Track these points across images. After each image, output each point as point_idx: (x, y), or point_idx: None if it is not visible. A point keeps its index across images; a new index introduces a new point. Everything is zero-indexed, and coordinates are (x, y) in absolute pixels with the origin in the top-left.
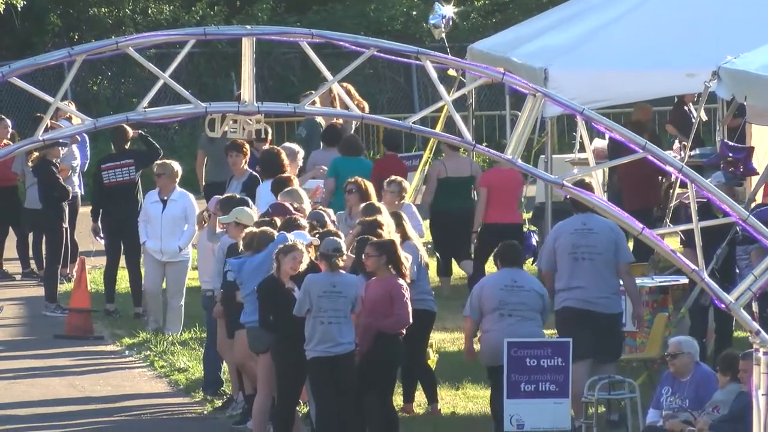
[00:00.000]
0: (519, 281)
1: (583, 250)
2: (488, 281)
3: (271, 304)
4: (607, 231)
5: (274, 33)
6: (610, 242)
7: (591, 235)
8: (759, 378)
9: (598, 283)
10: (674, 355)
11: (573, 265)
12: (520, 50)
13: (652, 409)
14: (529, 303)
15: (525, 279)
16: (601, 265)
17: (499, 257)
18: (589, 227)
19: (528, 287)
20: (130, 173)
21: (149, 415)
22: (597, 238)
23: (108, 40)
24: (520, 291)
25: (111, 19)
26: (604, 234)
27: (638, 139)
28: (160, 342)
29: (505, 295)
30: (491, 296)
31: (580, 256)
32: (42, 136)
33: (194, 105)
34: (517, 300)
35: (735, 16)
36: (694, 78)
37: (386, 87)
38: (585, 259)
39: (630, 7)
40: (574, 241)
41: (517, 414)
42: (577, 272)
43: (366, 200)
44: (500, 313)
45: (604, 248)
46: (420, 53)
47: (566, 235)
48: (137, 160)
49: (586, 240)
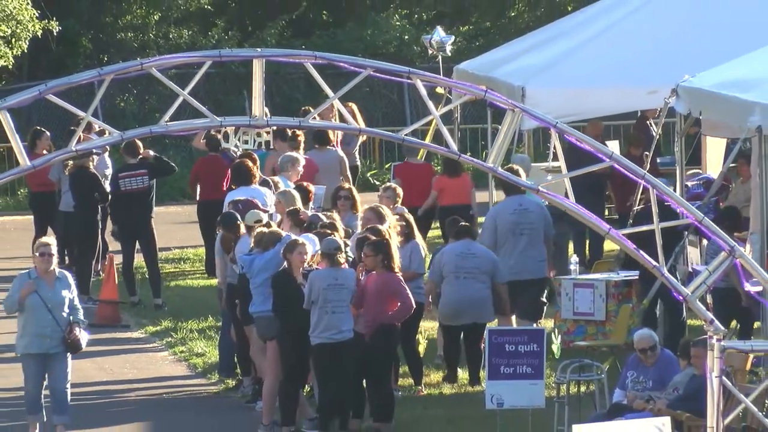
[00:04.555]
0: (472, 250)
1: (522, 227)
2: (447, 250)
3: (282, 295)
4: (539, 210)
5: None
6: (541, 219)
7: (528, 213)
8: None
9: (533, 252)
10: (652, 347)
11: (515, 240)
12: (500, 70)
13: (618, 390)
14: (482, 267)
15: (477, 248)
16: (535, 238)
17: (454, 231)
18: (525, 207)
19: (480, 254)
20: (144, 182)
21: (170, 394)
22: (533, 215)
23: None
24: (473, 258)
25: (136, 42)
26: (537, 212)
27: (605, 149)
28: (180, 330)
29: (460, 261)
30: (449, 262)
31: (519, 232)
32: (75, 147)
33: (210, 119)
34: (471, 265)
35: (691, 40)
36: (655, 95)
37: (381, 103)
38: (524, 234)
39: (597, 32)
40: (514, 220)
41: (498, 393)
42: (520, 246)
43: (355, 206)
44: (455, 275)
45: (538, 224)
46: (411, 73)
47: (506, 215)
48: (151, 171)
49: (524, 218)
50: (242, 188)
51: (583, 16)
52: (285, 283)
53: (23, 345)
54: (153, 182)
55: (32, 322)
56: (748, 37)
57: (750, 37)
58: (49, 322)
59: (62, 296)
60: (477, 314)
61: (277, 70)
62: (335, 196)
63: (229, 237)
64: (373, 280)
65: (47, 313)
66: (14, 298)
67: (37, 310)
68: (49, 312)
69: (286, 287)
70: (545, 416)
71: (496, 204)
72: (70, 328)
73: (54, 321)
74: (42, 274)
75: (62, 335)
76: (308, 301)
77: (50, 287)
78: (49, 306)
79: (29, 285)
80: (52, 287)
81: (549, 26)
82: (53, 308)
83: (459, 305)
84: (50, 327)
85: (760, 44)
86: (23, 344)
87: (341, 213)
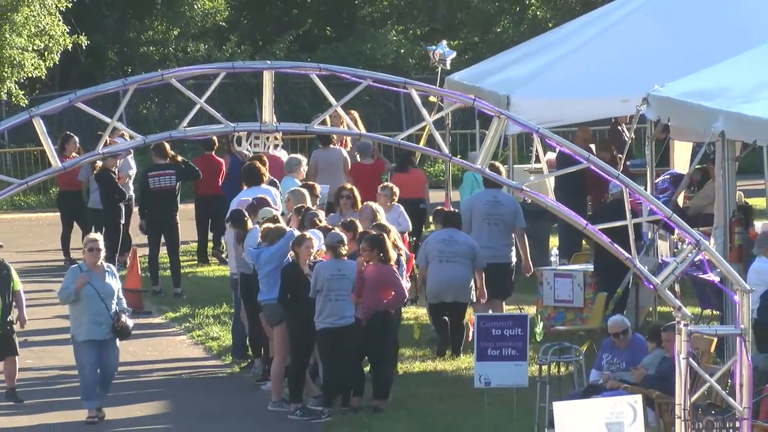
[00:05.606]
0: (455, 237)
1: (495, 218)
2: (432, 237)
3: (290, 285)
4: (511, 203)
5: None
6: (513, 212)
7: (500, 206)
8: (680, 345)
9: (502, 240)
10: (624, 332)
11: (488, 228)
12: (488, 81)
13: (594, 370)
14: (463, 253)
15: (459, 235)
16: (505, 228)
17: (440, 220)
18: (498, 200)
19: (462, 241)
20: (170, 181)
21: (188, 374)
22: (505, 208)
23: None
24: (456, 244)
25: (157, 56)
26: (509, 206)
27: (582, 152)
28: (197, 316)
29: (444, 246)
30: (433, 248)
31: (492, 222)
32: (102, 150)
33: (224, 125)
34: (453, 251)
35: (661, 53)
36: (627, 103)
37: (379, 110)
38: (497, 224)
39: (576, 46)
40: (488, 210)
41: (485, 374)
42: (491, 234)
43: (356, 204)
44: (440, 259)
45: (508, 216)
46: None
47: (481, 206)
48: (177, 172)
49: (497, 209)
50: (252, 188)
51: (563, 32)
52: (293, 274)
53: (83, 332)
54: (179, 183)
55: (88, 311)
56: (712, 51)
57: (713, 51)
58: (103, 310)
59: (112, 287)
60: (458, 294)
61: (285, 80)
62: (338, 195)
63: (241, 232)
64: (370, 271)
65: (101, 302)
66: (70, 290)
67: (92, 299)
68: (102, 301)
69: (294, 277)
70: (528, 394)
71: (474, 194)
72: (118, 316)
73: (106, 309)
74: (92, 267)
75: (112, 323)
76: (314, 290)
77: (101, 279)
78: (102, 296)
79: (83, 277)
80: (102, 278)
81: (531, 41)
82: (105, 298)
83: (442, 285)
84: (103, 315)
85: (722, 57)
86: (83, 332)
87: (343, 210)
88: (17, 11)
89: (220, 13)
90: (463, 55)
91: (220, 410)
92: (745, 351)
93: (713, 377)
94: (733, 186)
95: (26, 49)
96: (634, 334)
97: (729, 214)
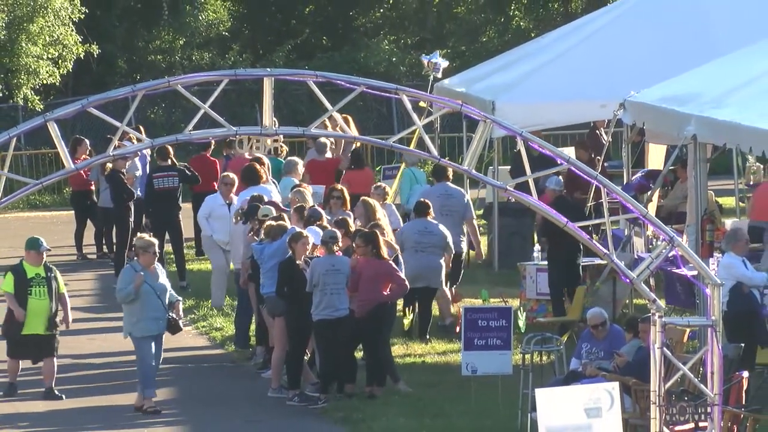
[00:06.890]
0: (429, 228)
1: (447, 209)
2: (407, 227)
3: (287, 278)
4: (461, 196)
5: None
6: (462, 204)
7: (451, 198)
8: (655, 335)
9: (454, 230)
10: (602, 323)
11: (441, 219)
12: (474, 87)
13: (574, 359)
14: (436, 243)
15: (433, 226)
16: (456, 218)
17: (415, 211)
18: (449, 193)
19: (435, 232)
20: (174, 181)
21: (193, 363)
22: (455, 201)
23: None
24: (430, 235)
25: (164, 63)
26: (459, 198)
27: (563, 153)
28: (201, 308)
29: (419, 237)
30: (408, 238)
31: (445, 213)
32: (112, 152)
33: (227, 128)
34: (428, 241)
35: (637, 61)
36: (605, 108)
37: (372, 115)
38: (449, 215)
39: (557, 55)
40: (441, 202)
41: (472, 362)
42: (444, 224)
43: (345, 204)
44: (415, 249)
45: (459, 207)
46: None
47: (434, 198)
48: (180, 174)
49: (448, 201)
50: (252, 187)
51: (545, 42)
52: (290, 269)
53: (143, 328)
54: (181, 184)
55: (146, 308)
56: (684, 59)
57: (685, 60)
58: (159, 306)
59: (164, 285)
60: (430, 280)
61: (284, 86)
62: (329, 196)
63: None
64: (364, 267)
65: (157, 299)
66: (129, 290)
67: (149, 297)
68: (158, 298)
69: (291, 272)
70: (512, 381)
71: (426, 187)
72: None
73: (162, 306)
74: (146, 267)
75: (168, 317)
76: (310, 284)
77: (154, 277)
78: (158, 293)
79: (139, 277)
80: (155, 277)
81: (515, 50)
82: (161, 294)
83: (416, 272)
84: (160, 311)
85: (694, 65)
86: (143, 327)
87: (333, 209)
88: (33, 22)
89: (223, 23)
90: (450, 63)
91: (224, 396)
92: (716, 341)
93: (686, 365)
94: (704, 186)
95: (41, 57)
96: (611, 325)
97: (701, 212)
